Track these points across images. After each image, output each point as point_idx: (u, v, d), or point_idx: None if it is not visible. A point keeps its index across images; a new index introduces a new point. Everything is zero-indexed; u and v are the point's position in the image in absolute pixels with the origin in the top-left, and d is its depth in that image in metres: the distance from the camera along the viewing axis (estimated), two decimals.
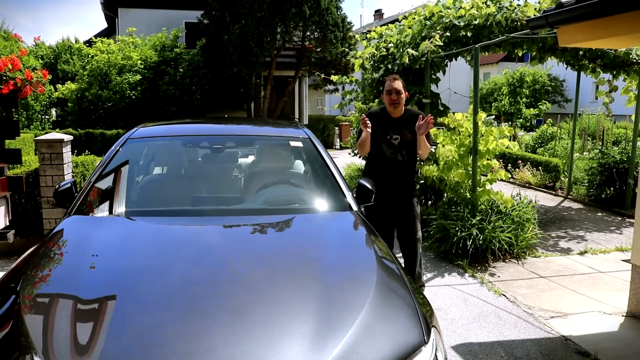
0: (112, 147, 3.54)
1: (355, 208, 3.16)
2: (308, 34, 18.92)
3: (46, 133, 5.92)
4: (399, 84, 4.08)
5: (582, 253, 6.13)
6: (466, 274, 5.28)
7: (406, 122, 4.14)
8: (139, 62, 18.80)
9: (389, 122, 4.14)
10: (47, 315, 1.98)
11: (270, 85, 19.81)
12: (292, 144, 3.79)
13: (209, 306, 2.02)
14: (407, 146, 4.14)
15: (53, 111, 19.91)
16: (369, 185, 3.43)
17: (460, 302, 4.55)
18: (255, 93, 19.86)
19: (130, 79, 18.22)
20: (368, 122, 3.99)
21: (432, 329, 2.07)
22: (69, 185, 3.29)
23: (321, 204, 3.28)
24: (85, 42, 21.23)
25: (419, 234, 4.29)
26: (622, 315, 4.32)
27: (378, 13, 41.33)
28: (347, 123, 20.62)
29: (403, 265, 4.19)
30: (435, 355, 1.97)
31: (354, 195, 3.36)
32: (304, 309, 2.01)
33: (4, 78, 3.28)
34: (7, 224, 4.42)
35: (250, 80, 19.51)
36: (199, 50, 19.46)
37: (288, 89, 20.84)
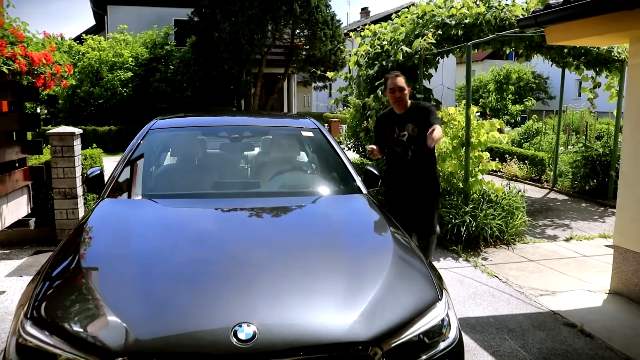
0: (136, 137, 3.80)
1: (364, 191, 3.47)
2: (298, 31, 19.19)
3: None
4: (400, 81, 4.22)
5: (567, 239, 6.49)
6: (460, 259, 5.61)
7: (410, 116, 4.25)
8: (130, 59, 18.92)
9: (395, 120, 4.29)
10: (108, 273, 2.30)
11: (261, 82, 20.05)
12: (304, 133, 4.09)
13: (253, 271, 2.32)
14: (415, 140, 4.22)
15: (38, 109, 19.91)
16: (375, 171, 3.74)
17: (457, 283, 4.87)
18: (245, 90, 20.08)
19: (122, 76, 18.34)
20: (376, 152, 4.21)
21: (444, 291, 2.38)
22: (99, 172, 3.54)
23: (334, 187, 3.58)
24: (74, 39, 21.22)
25: (437, 229, 4.47)
26: (606, 293, 4.67)
27: (365, 11, 41.61)
28: (336, 120, 20.91)
29: None
30: (447, 311, 2.28)
31: (363, 180, 3.66)
32: (334, 273, 2.31)
33: (36, 72, 3.52)
34: (29, 212, 4.64)
35: (240, 77, 19.73)
36: (190, 47, 19.63)
37: (278, 86, 21.10)
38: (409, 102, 4.37)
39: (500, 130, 14.75)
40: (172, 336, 1.92)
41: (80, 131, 6.07)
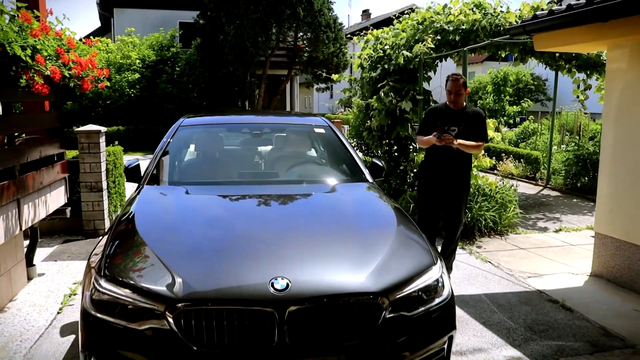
0: (168, 133, 4.29)
1: (371, 180, 3.97)
2: (301, 34, 19.68)
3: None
4: (459, 85, 4.47)
5: (557, 231, 6.98)
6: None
7: (464, 116, 4.58)
8: (138, 61, 19.41)
9: (450, 115, 4.58)
10: (163, 240, 2.81)
11: (265, 83, 20.52)
12: (316, 130, 4.58)
13: (282, 238, 2.85)
14: (463, 137, 4.48)
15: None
16: (379, 163, 4.24)
17: (453, 267, 5.32)
18: (250, 91, 20.57)
19: (129, 78, 18.83)
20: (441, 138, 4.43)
21: (439, 259, 2.87)
22: (136, 163, 4.02)
23: (344, 176, 4.08)
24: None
25: (463, 223, 4.82)
26: (587, 275, 5.16)
27: (365, 13, 42.08)
28: (338, 120, 21.39)
29: (441, 248, 4.83)
30: (442, 274, 2.76)
31: (369, 171, 4.15)
32: (348, 242, 2.84)
33: (81, 76, 4.00)
34: (66, 201, 5.11)
35: (245, 78, 20.21)
36: (195, 49, 20.13)
37: (281, 87, 21.58)
38: (464, 102, 4.68)
39: (497, 129, 15.27)
40: (222, 288, 2.41)
41: (105, 129, 6.56)
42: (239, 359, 2.29)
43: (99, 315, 2.44)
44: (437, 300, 2.65)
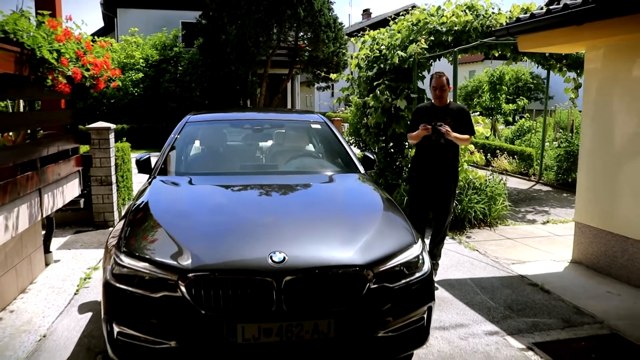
0: (175, 129, 4.64)
1: (362, 171, 4.32)
2: (302, 34, 20.03)
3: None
4: (443, 81, 4.83)
5: (544, 223, 7.32)
6: (447, 237, 6.43)
7: (450, 112, 4.89)
8: (141, 60, 19.76)
9: (435, 111, 4.91)
10: (173, 220, 3.18)
11: (266, 82, 20.89)
12: (313, 126, 4.94)
13: (280, 219, 3.22)
14: None
15: None
16: (370, 156, 4.60)
17: (442, 255, 5.68)
18: (251, 90, 20.93)
19: (133, 77, 19.18)
20: (429, 127, 4.74)
21: (419, 239, 3.22)
22: (147, 156, 4.38)
23: (338, 168, 4.44)
24: None
25: (452, 213, 5.13)
26: (568, 262, 5.51)
27: (366, 12, 42.40)
28: (338, 119, 21.74)
29: (430, 238, 5.13)
30: (422, 252, 3.11)
31: (361, 163, 4.51)
32: (338, 223, 3.20)
33: (96, 76, 4.34)
34: (80, 193, 5.46)
35: (246, 77, 20.58)
36: (197, 49, 20.50)
37: (282, 86, 21.94)
38: (449, 99, 5.01)
39: (494, 129, 15.62)
40: (228, 260, 2.76)
41: (114, 126, 6.91)
42: (242, 321, 2.64)
43: (119, 285, 2.79)
44: (417, 275, 2.99)
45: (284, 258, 2.71)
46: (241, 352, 2.65)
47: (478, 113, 18.23)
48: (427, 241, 4.96)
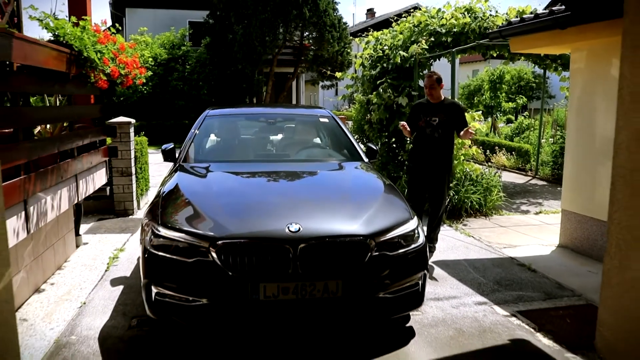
0: (196, 122, 5.14)
1: (366, 160, 4.81)
2: (307, 33, 20.52)
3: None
4: (433, 80, 5.28)
5: (537, 213, 7.79)
6: (445, 224, 6.91)
7: (442, 107, 5.32)
8: (150, 59, 20.13)
9: (430, 107, 5.35)
10: (202, 197, 3.68)
11: (272, 81, 21.37)
12: (321, 119, 5.44)
13: (294, 197, 3.75)
14: (443, 125, 5.22)
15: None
16: (373, 147, 5.09)
17: (439, 240, 6.14)
18: (257, 88, 21.41)
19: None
20: (407, 127, 5.29)
21: (415, 216, 3.70)
22: (172, 146, 4.87)
23: (344, 157, 4.93)
24: None
25: (446, 200, 5.57)
26: (555, 246, 5.98)
27: (370, 12, 42.82)
28: (342, 117, 22.21)
29: (427, 223, 5.52)
30: (417, 227, 3.59)
31: (365, 153, 4.99)
32: (345, 201, 3.70)
33: (127, 74, 4.83)
34: (106, 181, 5.95)
35: (253, 76, 21.05)
36: (204, 48, 21.00)
37: (287, 84, 22.43)
38: (442, 96, 5.43)
39: (494, 127, 16.07)
40: (251, 230, 3.25)
41: (134, 121, 7.40)
42: (263, 281, 3.12)
43: (158, 253, 3.27)
44: (413, 246, 3.47)
45: (299, 228, 3.19)
46: (263, 307, 3.14)
47: (480, 112, 18.68)
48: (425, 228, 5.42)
